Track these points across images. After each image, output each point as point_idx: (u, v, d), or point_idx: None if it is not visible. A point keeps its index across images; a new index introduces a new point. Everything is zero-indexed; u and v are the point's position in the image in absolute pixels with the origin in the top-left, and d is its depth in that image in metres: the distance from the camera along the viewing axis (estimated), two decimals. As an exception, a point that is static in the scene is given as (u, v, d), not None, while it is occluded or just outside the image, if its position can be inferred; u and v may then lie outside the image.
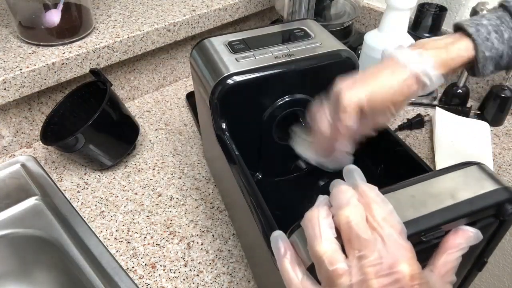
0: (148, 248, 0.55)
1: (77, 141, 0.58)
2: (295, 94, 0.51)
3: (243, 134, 0.49)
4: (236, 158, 0.46)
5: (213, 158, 0.60)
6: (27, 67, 0.62)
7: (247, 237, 0.51)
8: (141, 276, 0.52)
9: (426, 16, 0.78)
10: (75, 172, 0.66)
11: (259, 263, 0.48)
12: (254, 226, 0.40)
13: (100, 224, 0.58)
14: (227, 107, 0.48)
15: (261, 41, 0.51)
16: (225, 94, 0.46)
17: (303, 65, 0.49)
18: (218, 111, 0.48)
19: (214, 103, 0.47)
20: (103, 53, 0.69)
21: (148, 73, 0.83)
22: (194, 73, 0.54)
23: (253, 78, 0.47)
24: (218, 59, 0.49)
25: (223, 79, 0.46)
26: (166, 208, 0.61)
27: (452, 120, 0.75)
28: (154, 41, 0.75)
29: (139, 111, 0.80)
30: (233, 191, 0.48)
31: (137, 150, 0.71)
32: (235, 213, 0.56)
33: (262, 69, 0.47)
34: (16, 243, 0.59)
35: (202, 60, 0.51)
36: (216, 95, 0.47)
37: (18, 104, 0.66)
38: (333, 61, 0.50)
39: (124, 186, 0.64)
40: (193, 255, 0.55)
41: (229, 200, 0.58)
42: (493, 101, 0.76)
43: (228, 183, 0.51)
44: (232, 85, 0.46)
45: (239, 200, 0.44)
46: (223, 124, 0.48)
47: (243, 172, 0.44)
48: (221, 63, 0.48)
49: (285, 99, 0.51)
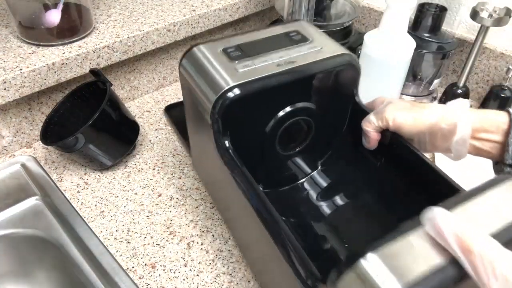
0: (148, 248, 0.55)
1: (77, 141, 0.58)
2: (298, 103, 0.49)
3: (243, 148, 0.46)
4: (248, 180, 0.42)
5: (211, 174, 0.56)
6: (27, 67, 0.62)
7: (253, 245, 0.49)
8: (141, 276, 0.52)
9: (426, 16, 0.78)
10: (75, 172, 0.66)
11: (262, 260, 0.47)
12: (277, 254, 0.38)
13: (100, 224, 0.58)
14: (228, 123, 0.44)
15: (257, 47, 0.48)
16: (227, 109, 0.43)
17: (308, 72, 0.46)
18: (221, 128, 0.44)
19: (215, 118, 0.43)
20: (103, 53, 0.69)
21: (148, 73, 0.83)
22: (186, 85, 0.50)
23: (257, 90, 0.43)
24: (215, 70, 0.45)
25: (224, 93, 0.42)
26: (166, 208, 0.61)
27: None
28: (154, 41, 0.75)
29: (139, 111, 0.80)
30: (242, 213, 0.46)
31: (137, 150, 0.71)
32: (238, 224, 0.53)
33: (265, 79, 0.44)
34: (16, 243, 0.59)
35: (196, 71, 0.47)
36: (217, 110, 0.43)
37: (18, 104, 0.66)
38: (336, 66, 0.48)
39: (124, 186, 0.64)
40: (193, 255, 0.55)
41: (230, 214, 0.55)
42: (493, 101, 0.76)
43: (233, 202, 0.49)
44: (234, 99, 0.42)
45: (254, 229, 0.41)
46: (226, 142, 0.45)
47: (260, 199, 0.40)
48: (218, 75, 0.44)
49: (289, 109, 0.49)
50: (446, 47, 0.78)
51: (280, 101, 0.48)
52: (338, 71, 0.49)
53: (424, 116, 0.45)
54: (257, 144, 0.50)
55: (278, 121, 0.49)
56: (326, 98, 0.51)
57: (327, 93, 0.50)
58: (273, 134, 0.50)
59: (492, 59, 0.80)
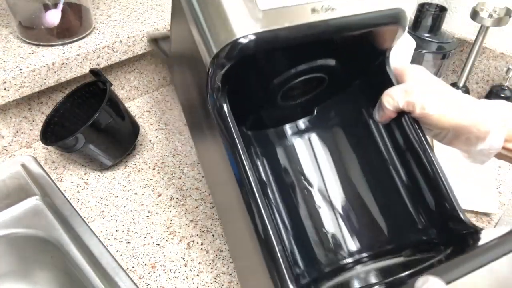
0: (148, 248, 0.55)
1: (77, 141, 0.58)
2: (319, 59, 0.40)
3: (239, 96, 0.38)
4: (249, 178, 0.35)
5: (202, 141, 0.48)
6: (27, 67, 0.62)
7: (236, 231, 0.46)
8: (141, 276, 0.52)
9: (426, 16, 0.78)
10: (75, 172, 0.66)
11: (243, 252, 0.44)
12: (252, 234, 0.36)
13: (100, 224, 0.58)
14: (230, 76, 0.35)
15: None
16: (235, 64, 0.33)
17: (350, 28, 0.36)
18: (219, 86, 0.35)
19: (215, 73, 0.34)
20: (103, 53, 0.69)
21: (148, 73, 0.83)
22: (180, 15, 0.37)
23: (279, 43, 0.34)
24: (229, 3, 0.33)
25: (235, 44, 0.32)
26: (166, 208, 0.61)
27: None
28: (154, 41, 0.75)
29: (139, 111, 0.80)
30: (229, 195, 0.41)
31: (137, 150, 0.71)
32: (224, 202, 0.47)
33: (294, 30, 0.33)
34: (16, 243, 0.59)
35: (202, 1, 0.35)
36: (220, 63, 0.33)
37: (18, 104, 0.66)
38: (384, 22, 0.38)
39: (124, 186, 0.64)
40: (193, 255, 0.55)
41: (219, 197, 0.50)
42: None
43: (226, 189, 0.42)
44: (248, 53, 0.32)
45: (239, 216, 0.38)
46: (224, 106, 0.36)
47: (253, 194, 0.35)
48: (233, 12, 0.32)
49: (307, 66, 0.41)
50: (446, 47, 0.78)
51: (300, 55, 0.40)
52: (383, 30, 0.39)
53: (457, 114, 0.38)
54: (257, 94, 0.44)
55: (291, 76, 0.42)
56: (353, 57, 0.44)
57: (357, 52, 0.42)
58: (279, 88, 0.43)
59: (492, 59, 0.80)
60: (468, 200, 0.62)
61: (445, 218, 0.42)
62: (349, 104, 0.50)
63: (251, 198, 0.35)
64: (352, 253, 0.47)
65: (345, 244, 0.48)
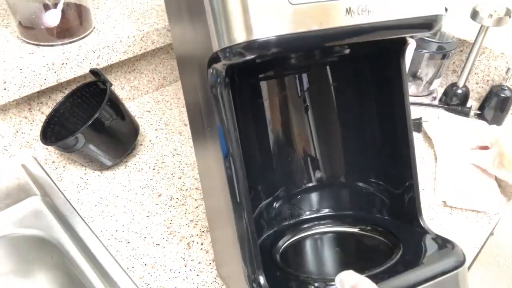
0: (148, 248, 0.55)
1: (77, 141, 0.58)
2: (335, 52, 0.38)
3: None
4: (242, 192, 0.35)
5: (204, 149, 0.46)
6: (27, 67, 0.62)
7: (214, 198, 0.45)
8: (141, 276, 0.52)
9: (426, 16, 0.78)
10: (75, 172, 0.66)
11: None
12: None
13: (100, 224, 0.58)
14: (236, 69, 0.31)
15: None
16: (248, 68, 0.31)
17: (383, 33, 0.33)
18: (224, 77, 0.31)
19: (222, 71, 0.30)
20: (103, 53, 0.69)
21: (148, 73, 0.83)
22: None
23: (305, 46, 0.30)
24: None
25: (255, 41, 0.27)
26: (166, 208, 0.61)
27: (452, 122, 0.75)
28: (154, 41, 0.75)
29: (139, 111, 0.80)
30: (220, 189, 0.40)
31: (137, 150, 0.71)
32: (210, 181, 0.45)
33: (325, 35, 0.30)
34: (16, 243, 0.59)
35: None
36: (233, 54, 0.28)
37: (18, 104, 0.66)
38: (420, 30, 0.35)
39: (124, 186, 0.64)
40: (193, 255, 0.55)
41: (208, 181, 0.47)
42: (493, 101, 0.76)
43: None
44: (267, 57, 0.29)
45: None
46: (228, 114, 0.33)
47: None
48: (256, 5, 0.27)
49: (319, 56, 0.40)
50: (446, 47, 0.78)
51: (319, 52, 0.38)
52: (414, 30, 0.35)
53: None
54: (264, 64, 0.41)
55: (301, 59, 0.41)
56: (372, 46, 0.40)
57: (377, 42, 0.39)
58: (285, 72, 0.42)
59: (492, 59, 0.80)
60: (468, 200, 0.62)
61: (406, 212, 0.45)
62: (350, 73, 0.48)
63: (233, 172, 0.36)
64: (315, 210, 0.50)
65: (308, 199, 0.51)
